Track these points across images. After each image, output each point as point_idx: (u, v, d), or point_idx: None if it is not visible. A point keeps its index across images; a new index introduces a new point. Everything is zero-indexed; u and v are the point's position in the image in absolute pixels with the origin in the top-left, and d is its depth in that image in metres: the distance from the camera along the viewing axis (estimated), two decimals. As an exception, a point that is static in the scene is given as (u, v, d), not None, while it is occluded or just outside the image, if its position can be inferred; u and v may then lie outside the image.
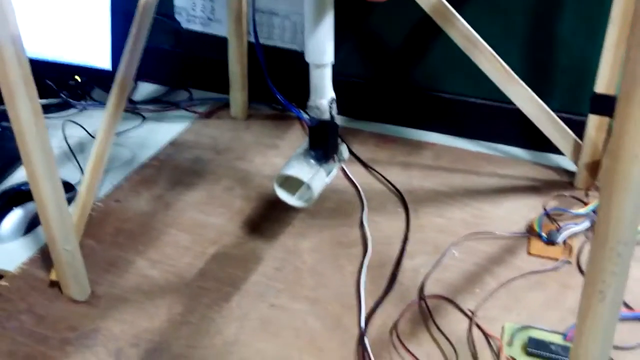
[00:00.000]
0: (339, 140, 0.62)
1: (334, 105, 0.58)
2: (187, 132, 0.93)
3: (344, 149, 0.64)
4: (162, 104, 1.00)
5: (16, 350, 0.56)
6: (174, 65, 1.04)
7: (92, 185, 0.72)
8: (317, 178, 0.58)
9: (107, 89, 1.03)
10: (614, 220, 0.31)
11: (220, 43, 0.95)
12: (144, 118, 0.96)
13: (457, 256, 0.66)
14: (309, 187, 0.58)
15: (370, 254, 0.66)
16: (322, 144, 0.59)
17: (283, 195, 0.60)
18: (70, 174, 0.81)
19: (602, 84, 0.68)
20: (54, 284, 0.62)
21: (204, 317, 0.59)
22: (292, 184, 0.60)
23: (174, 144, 0.90)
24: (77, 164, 0.84)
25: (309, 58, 0.55)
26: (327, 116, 0.58)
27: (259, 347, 0.56)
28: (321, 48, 0.54)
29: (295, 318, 0.59)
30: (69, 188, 0.76)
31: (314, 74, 0.56)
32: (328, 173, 0.61)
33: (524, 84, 0.74)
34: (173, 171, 0.83)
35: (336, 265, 0.66)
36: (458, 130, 0.90)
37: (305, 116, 0.93)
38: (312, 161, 0.59)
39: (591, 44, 0.76)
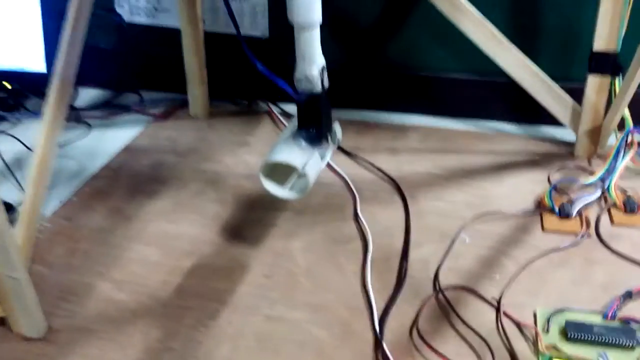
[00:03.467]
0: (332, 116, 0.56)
1: (325, 74, 0.52)
2: (141, 136, 0.85)
3: (337, 128, 0.58)
4: (110, 109, 0.91)
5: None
6: (119, 65, 0.96)
7: (35, 203, 0.63)
8: (312, 163, 0.52)
9: (43, 96, 0.94)
10: None
11: (170, 35, 0.88)
12: (89, 126, 0.87)
13: (468, 241, 0.61)
14: (302, 174, 0.52)
15: (371, 249, 0.60)
16: (314, 121, 0.52)
17: (271, 187, 0.54)
18: (8, 193, 0.71)
19: (601, 41, 0.66)
20: (2, 321, 0.53)
21: (189, 341, 0.52)
22: (281, 172, 0.53)
23: (127, 150, 0.81)
24: (16, 181, 0.74)
25: (293, 17, 0.49)
26: (318, 88, 0.51)
27: (260, 368, 0.49)
28: (308, 3, 0.48)
29: (297, 329, 0.52)
30: (8, 209, 0.66)
31: (300, 38, 0.50)
32: (322, 156, 0.55)
33: (515, 48, 0.71)
34: (130, 180, 0.75)
35: (335, 264, 0.59)
36: (442, 110, 0.86)
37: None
38: (304, 143, 0.52)
39: (580, 3, 0.74)
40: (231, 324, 0.53)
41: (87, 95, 0.95)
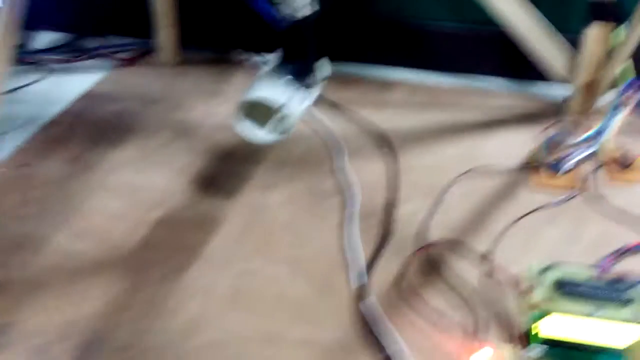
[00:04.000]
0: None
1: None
2: (105, 82, 0.79)
3: (325, 62, 0.54)
4: (70, 53, 0.85)
5: None
6: (81, 6, 0.89)
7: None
8: (294, 102, 0.48)
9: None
10: None
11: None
12: (48, 70, 0.81)
13: (458, 195, 0.59)
14: (284, 114, 0.48)
15: (356, 203, 0.58)
16: (300, 53, 0.48)
17: (250, 128, 0.50)
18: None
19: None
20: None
21: (155, 295, 0.48)
22: (262, 112, 0.49)
23: (89, 96, 0.76)
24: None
25: None
26: (304, 13, 0.47)
27: (234, 323, 0.46)
28: None
29: (274, 283, 0.49)
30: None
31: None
32: (308, 93, 0.51)
33: (513, -7, 0.68)
34: (92, 127, 0.70)
35: (315, 217, 0.56)
36: (430, 63, 0.83)
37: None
38: (287, 78, 0.48)
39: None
40: (203, 277, 0.50)
41: (46, 38, 0.89)
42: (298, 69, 0.48)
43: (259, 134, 0.50)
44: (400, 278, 0.49)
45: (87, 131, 0.69)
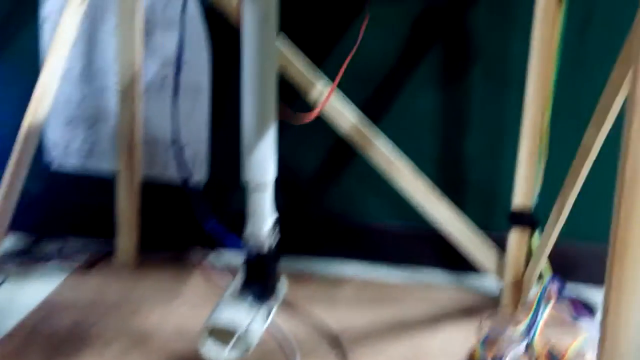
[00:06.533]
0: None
1: (276, 231, 0.54)
2: (62, 289, 0.81)
3: (282, 282, 0.59)
4: (28, 258, 0.88)
5: None
6: (41, 210, 0.94)
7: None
8: (256, 322, 0.52)
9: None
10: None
11: (101, 181, 0.89)
12: (4, 278, 0.83)
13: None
14: (246, 334, 0.52)
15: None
16: (261, 279, 0.54)
17: (212, 350, 0.53)
18: None
19: (519, 199, 0.75)
20: None
21: None
22: (225, 334, 0.53)
23: (46, 305, 0.77)
24: None
25: (248, 176, 0.52)
26: (267, 246, 0.54)
27: None
28: (263, 164, 0.52)
29: None
30: None
31: (252, 197, 0.53)
32: (267, 314, 0.56)
33: (444, 202, 0.78)
34: (47, 341, 0.70)
35: None
36: (377, 257, 0.90)
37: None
38: (248, 302, 0.53)
39: (498, 160, 0.85)
40: None
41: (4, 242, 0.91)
42: (260, 291, 0.54)
43: (222, 354, 0.53)
44: None
45: (42, 346, 0.69)
